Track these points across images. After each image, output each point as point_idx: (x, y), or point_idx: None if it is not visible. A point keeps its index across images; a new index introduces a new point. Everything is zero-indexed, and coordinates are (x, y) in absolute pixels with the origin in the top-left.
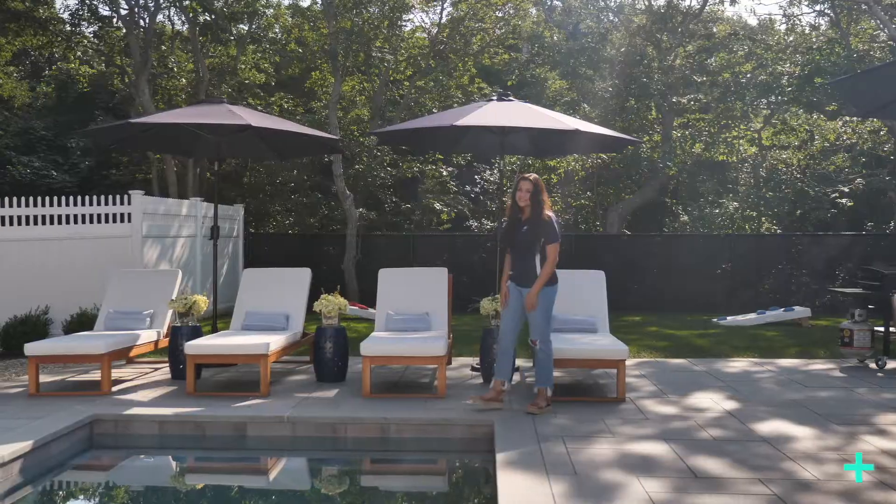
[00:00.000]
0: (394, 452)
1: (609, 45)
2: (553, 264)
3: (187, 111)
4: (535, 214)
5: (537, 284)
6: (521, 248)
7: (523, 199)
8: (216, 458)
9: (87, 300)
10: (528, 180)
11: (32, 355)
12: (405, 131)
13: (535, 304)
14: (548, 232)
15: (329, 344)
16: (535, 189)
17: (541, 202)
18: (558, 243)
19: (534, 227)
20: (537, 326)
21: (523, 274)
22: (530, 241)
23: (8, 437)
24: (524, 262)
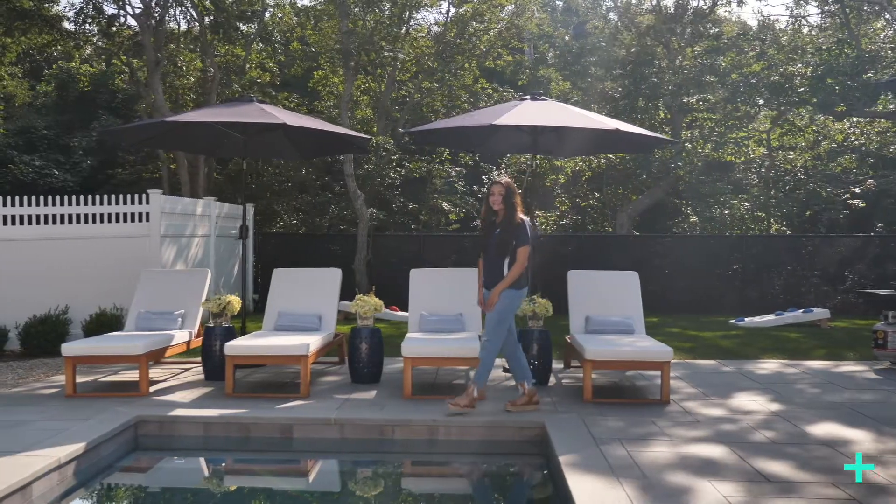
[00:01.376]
0: (443, 454)
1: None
2: (521, 266)
3: (219, 110)
4: (508, 218)
5: (502, 284)
6: (492, 251)
7: (496, 202)
8: (264, 460)
9: (106, 300)
10: (501, 184)
11: (69, 356)
12: (440, 130)
13: (494, 304)
14: (518, 234)
15: (365, 345)
16: (507, 193)
17: (513, 206)
18: (528, 246)
19: (506, 230)
20: (490, 324)
21: (493, 278)
22: (502, 244)
23: (60, 439)
24: (494, 265)
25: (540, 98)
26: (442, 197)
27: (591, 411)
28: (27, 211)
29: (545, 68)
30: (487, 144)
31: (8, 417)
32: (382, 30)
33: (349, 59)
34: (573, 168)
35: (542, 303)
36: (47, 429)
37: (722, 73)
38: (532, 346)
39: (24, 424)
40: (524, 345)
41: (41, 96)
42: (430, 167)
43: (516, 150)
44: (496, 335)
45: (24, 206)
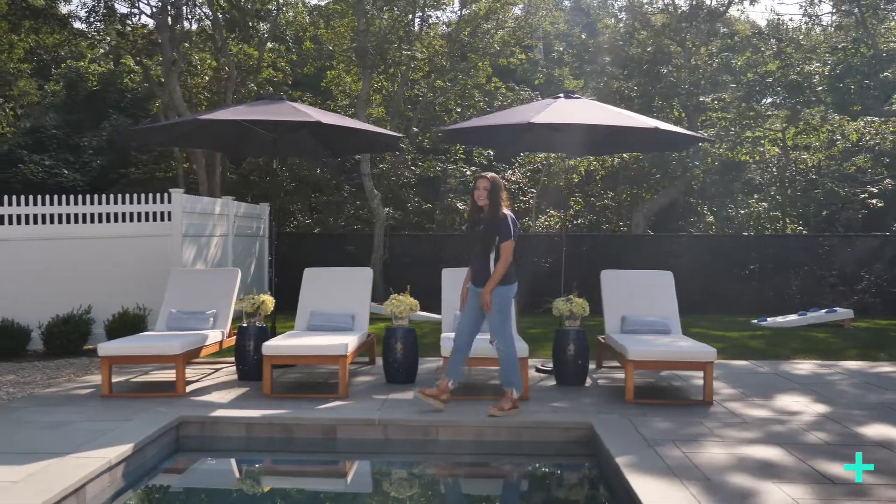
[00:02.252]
0: (488, 455)
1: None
2: (507, 262)
3: (250, 108)
4: (492, 213)
5: (490, 283)
6: (478, 245)
7: (481, 197)
8: (309, 461)
9: (128, 299)
10: (486, 178)
11: (106, 356)
12: (474, 129)
13: (488, 304)
14: (502, 229)
15: (400, 345)
16: (492, 188)
17: (498, 200)
18: (512, 241)
19: (490, 225)
20: (495, 326)
21: (479, 273)
22: (486, 239)
23: (106, 440)
24: (480, 261)
25: (574, 96)
26: (456, 196)
27: (635, 412)
28: (48, 210)
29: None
30: (518, 143)
31: (49, 418)
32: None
33: (365, 58)
34: (587, 167)
35: (578, 302)
36: (91, 429)
37: (738, 73)
38: (569, 346)
39: (67, 425)
40: (561, 345)
41: (49, 95)
42: (445, 167)
43: (547, 148)
44: (506, 334)
45: (46, 206)
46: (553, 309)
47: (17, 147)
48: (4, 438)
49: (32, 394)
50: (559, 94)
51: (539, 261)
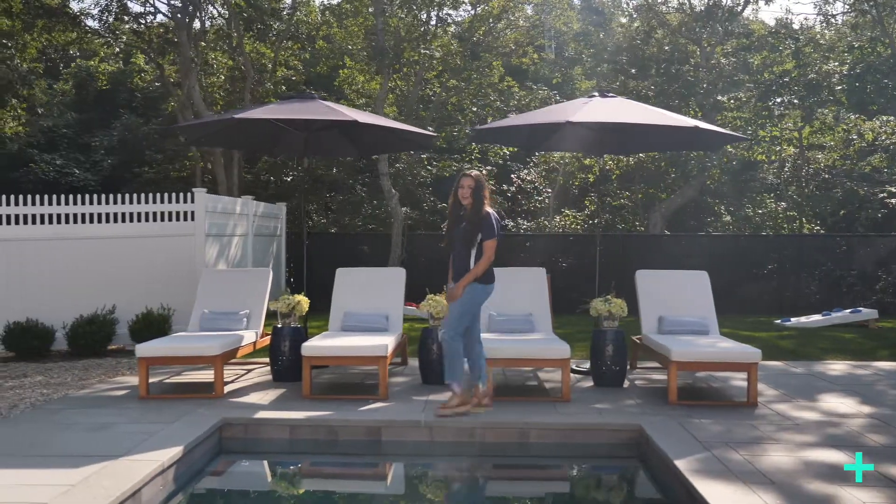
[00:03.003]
0: (536, 458)
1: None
2: (488, 261)
3: (282, 106)
4: (475, 211)
5: (468, 276)
6: (459, 245)
7: (465, 196)
8: (357, 463)
9: (151, 299)
10: (470, 177)
11: (144, 357)
12: (506, 128)
13: (457, 296)
14: (484, 228)
15: (436, 346)
16: (476, 186)
17: (481, 199)
18: (495, 240)
19: (472, 223)
20: (449, 318)
21: (460, 271)
22: (469, 237)
23: (154, 443)
24: (461, 259)
25: (609, 95)
26: None
27: (681, 414)
28: (69, 210)
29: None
30: (548, 142)
31: (91, 419)
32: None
33: (384, 58)
34: (602, 167)
35: (617, 303)
36: (137, 431)
37: (754, 72)
38: (606, 347)
39: (111, 427)
40: (599, 346)
41: (58, 95)
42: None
43: (579, 147)
44: (455, 329)
45: (69, 206)
46: (591, 310)
47: (27, 146)
48: (51, 440)
49: (68, 395)
50: (593, 92)
51: (556, 261)
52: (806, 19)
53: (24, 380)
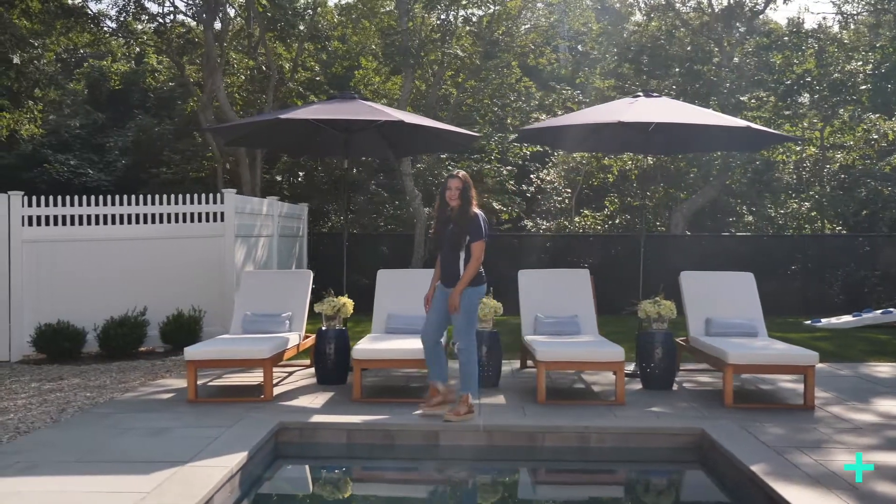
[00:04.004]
0: (596, 462)
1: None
2: (478, 262)
3: (325, 106)
4: (462, 212)
5: (460, 284)
6: (447, 247)
7: (453, 197)
8: (417, 468)
9: (181, 301)
10: (458, 178)
11: (193, 360)
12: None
13: (456, 306)
14: (472, 229)
15: (484, 348)
16: (464, 187)
17: (469, 200)
18: (483, 241)
19: (460, 224)
20: (459, 328)
21: (449, 274)
22: (456, 239)
23: (217, 448)
24: (450, 261)
25: (654, 95)
26: (491, 196)
27: (740, 417)
28: (97, 211)
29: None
30: (586, 143)
31: (146, 424)
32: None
33: (408, 57)
34: (620, 167)
35: (667, 305)
36: (196, 436)
37: (777, 71)
38: (656, 349)
39: (168, 431)
40: (647, 348)
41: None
42: (481, 166)
43: (620, 148)
44: (469, 337)
45: (97, 207)
46: (639, 311)
47: (41, 147)
48: (110, 445)
49: (114, 399)
50: (638, 92)
51: (578, 261)
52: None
53: (61, 382)
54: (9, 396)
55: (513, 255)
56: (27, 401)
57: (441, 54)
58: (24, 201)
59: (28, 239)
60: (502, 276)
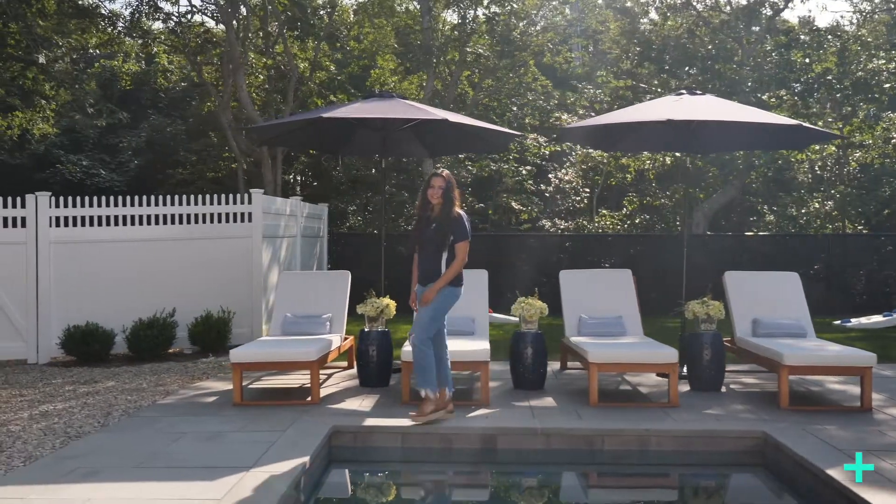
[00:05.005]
0: (657, 466)
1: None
2: (461, 263)
3: (366, 105)
4: (445, 212)
5: (441, 280)
6: (428, 247)
7: (435, 196)
8: (478, 472)
9: (208, 302)
10: (441, 177)
11: (238, 362)
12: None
13: (430, 300)
14: (456, 229)
15: (530, 349)
16: (447, 186)
17: (452, 199)
18: (467, 241)
19: (443, 224)
20: (420, 322)
21: (430, 274)
22: (439, 239)
23: (277, 453)
24: (431, 261)
25: (697, 93)
26: (510, 196)
27: (800, 419)
28: (125, 212)
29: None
30: (625, 142)
31: (197, 428)
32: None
33: (430, 56)
34: (638, 167)
35: (716, 305)
36: (252, 440)
37: (798, 70)
38: (704, 351)
39: (223, 436)
40: (696, 349)
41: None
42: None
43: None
44: (426, 334)
45: (123, 207)
46: (686, 312)
47: (52, 147)
48: (168, 451)
49: (157, 402)
50: (681, 90)
51: (598, 261)
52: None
53: (96, 385)
54: (46, 399)
55: (531, 254)
56: (67, 404)
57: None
58: (51, 202)
59: (55, 240)
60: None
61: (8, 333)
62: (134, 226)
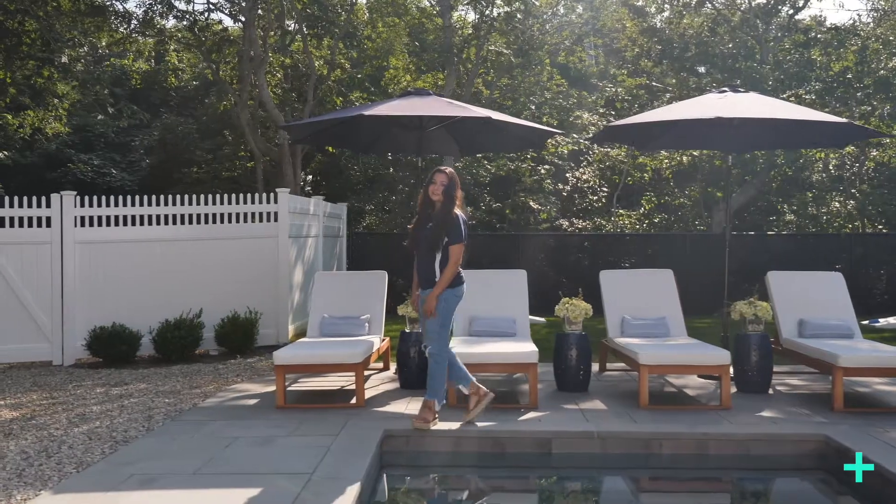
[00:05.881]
0: (717, 470)
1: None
2: (455, 266)
3: (405, 103)
4: (444, 211)
5: (437, 288)
6: (423, 247)
7: (436, 192)
8: (533, 476)
9: (235, 303)
10: (445, 173)
11: (282, 364)
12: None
13: (432, 309)
14: (451, 230)
15: (575, 351)
16: (450, 183)
17: (452, 198)
18: (462, 245)
19: (439, 224)
20: (432, 332)
21: (425, 276)
22: (434, 239)
23: (337, 459)
24: (425, 263)
25: (740, 90)
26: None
27: (857, 421)
28: (150, 211)
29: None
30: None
31: (247, 433)
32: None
33: (451, 55)
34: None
35: (763, 306)
36: (306, 445)
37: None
38: (752, 352)
39: (275, 441)
40: (743, 351)
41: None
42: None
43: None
44: (441, 342)
45: (148, 207)
46: (732, 313)
47: (64, 146)
48: (223, 456)
49: (198, 406)
50: (724, 87)
51: (617, 261)
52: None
53: (127, 387)
54: (80, 403)
55: (549, 254)
56: (102, 407)
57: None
58: (76, 201)
59: (81, 240)
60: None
61: (32, 335)
62: (159, 225)
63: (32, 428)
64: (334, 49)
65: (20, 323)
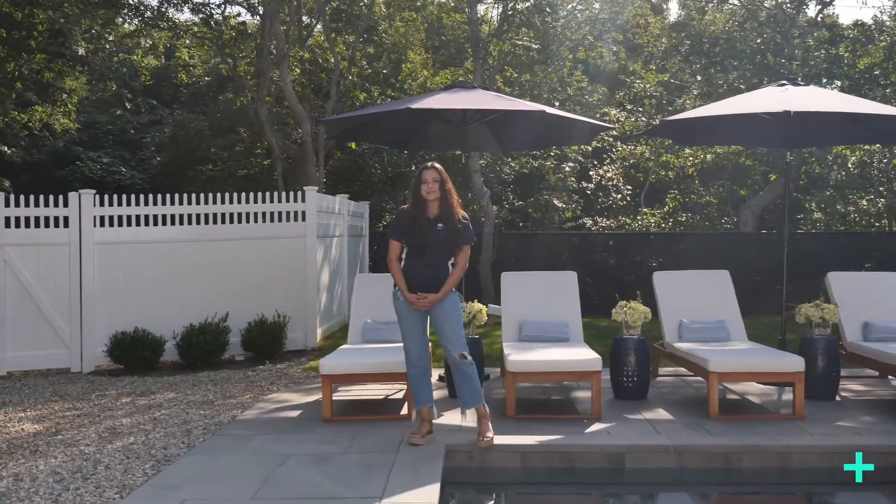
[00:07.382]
0: (802, 485)
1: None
2: (464, 268)
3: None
4: (450, 211)
5: (448, 286)
6: (436, 249)
7: (432, 191)
8: (606, 493)
9: (261, 306)
10: (434, 169)
11: (329, 374)
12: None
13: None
14: (466, 232)
15: (633, 357)
16: (442, 179)
17: (449, 192)
18: (471, 245)
19: (450, 225)
20: (458, 337)
21: (435, 278)
22: (448, 241)
23: (406, 479)
24: (438, 266)
25: (800, 84)
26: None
27: None
28: (172, 210)
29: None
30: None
31: (298, 449)
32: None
33: (478, 50)
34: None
35: (830, 308)
36: (365, 464)
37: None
38: (819, 357)
39: (332, 458)
40: (810, 356)
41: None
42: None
43: (754, 141)
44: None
45: (171, 206)
46: (797, 315)
47: (72, 144)
48: (279, 476)
49: (237, 418)
50: (782, 81)
51: (643, 260)
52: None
53: (154, 397)
54: (107, 414)
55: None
56: (132, 419)
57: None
58: (95, 200)
59: (101, 241)
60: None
61: (50, 341)
62: (182, 225)
63: (60, 444)
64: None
65: (37, 328)
